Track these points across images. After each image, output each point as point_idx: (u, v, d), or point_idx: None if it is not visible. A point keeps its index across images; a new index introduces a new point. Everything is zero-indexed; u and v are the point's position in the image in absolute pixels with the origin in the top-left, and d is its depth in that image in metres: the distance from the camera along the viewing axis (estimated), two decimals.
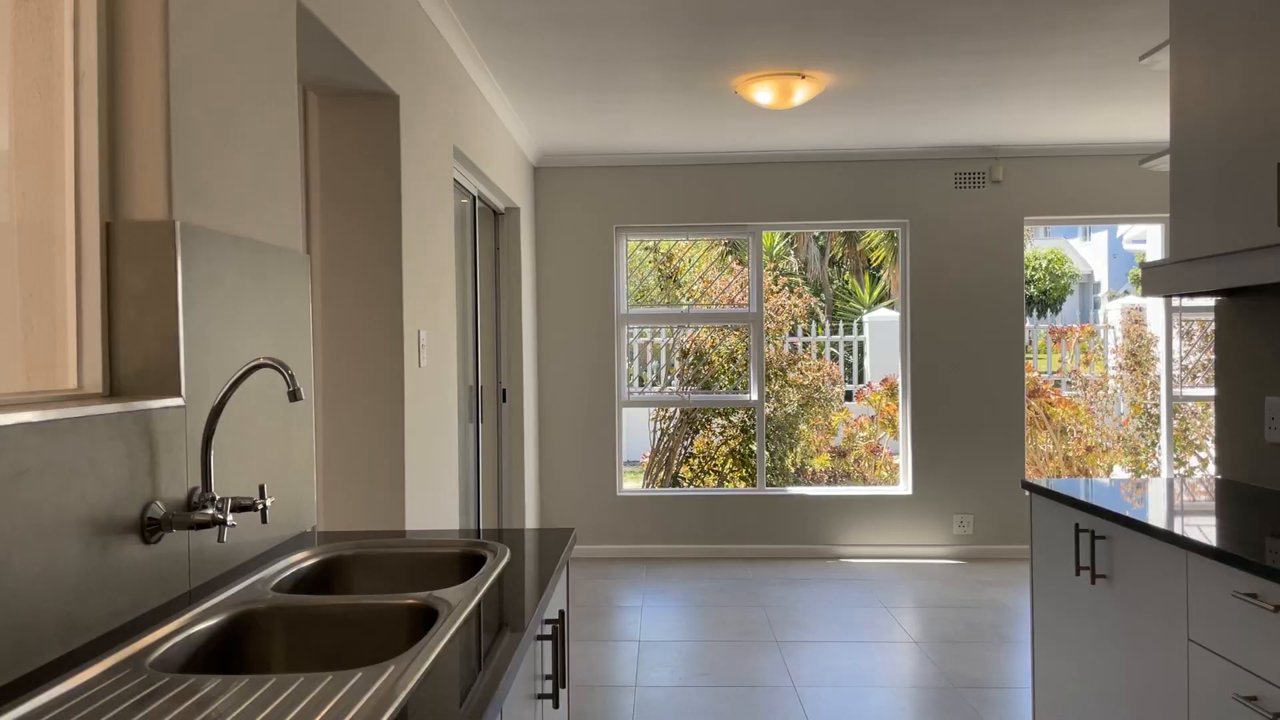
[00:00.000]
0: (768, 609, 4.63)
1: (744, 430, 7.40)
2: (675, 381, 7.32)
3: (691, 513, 5.81)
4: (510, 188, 4.85)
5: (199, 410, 1.55)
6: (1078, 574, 2.43)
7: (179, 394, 1.50)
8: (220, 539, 1.44)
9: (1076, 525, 2.42)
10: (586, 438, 5.83)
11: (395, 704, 1.04)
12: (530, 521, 5.43)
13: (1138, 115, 4.82)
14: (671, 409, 7.37)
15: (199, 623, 1.34)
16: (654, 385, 7.63)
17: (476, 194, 4.45)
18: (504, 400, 5.18)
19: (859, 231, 12.16)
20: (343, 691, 1.07)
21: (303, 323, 2.00)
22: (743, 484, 7.24)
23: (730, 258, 8.86)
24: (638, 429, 8.33)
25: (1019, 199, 5.67)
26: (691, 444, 7.52)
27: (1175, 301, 5.80)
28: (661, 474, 7.49)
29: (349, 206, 2.86)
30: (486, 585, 1.54)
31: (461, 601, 1.42)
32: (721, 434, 7.49)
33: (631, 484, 7.98)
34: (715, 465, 7.46)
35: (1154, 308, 7.63)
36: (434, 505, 3.23)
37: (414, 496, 2.96)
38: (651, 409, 7.55)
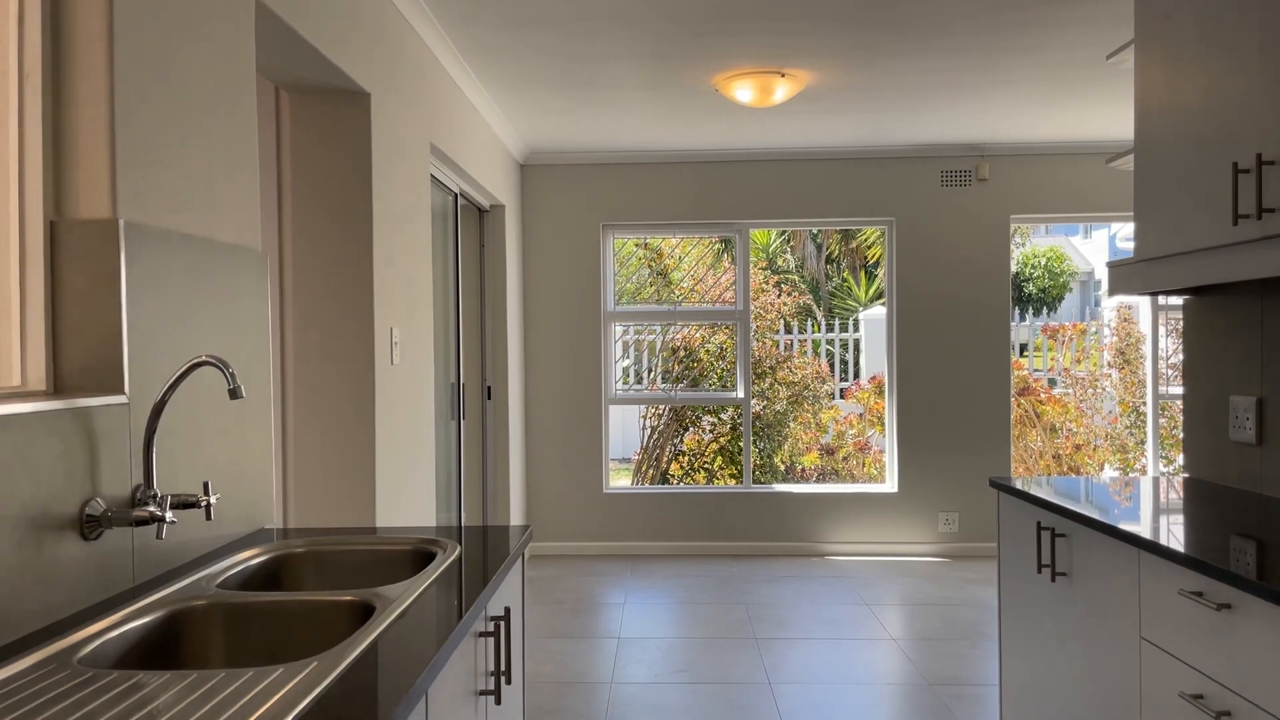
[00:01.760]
0: (749, 606, 4.64)
1: (734, 428, 7.41)
2: (669, 378, 7.33)
3: (677, 510, 5.82)
4: (494, 185, 4.86)
5: (144, 407, 1.56)
6: (1039, 571, 2.43)
7: (123, 391, 1.51)
8: (159, 536, 1.45)
9: (1038, 523, 2.43)
10: (573, 435, 5.84)
11: (310, 698, 1.05)
12: (516, 519, 5.44)
13: (1122, 113, 4.81)
14: (662, 406, 7.38)
15: (135, 619, 1.35)
16: (648, 378, 7.64)
17: (458, 191, 4.46)
18: (489, 398, 5.20)
19: (854, 229, 12.15)
20: (261, 685, 1.08)
21: (258, 321, 2.00)
22: (732, 481, 7.25)
23: (725, 255, 8.87)
24: (630, 426, 8.34)
25: (1005, 197, 5.67)
26: (681, 441, 7.53)
27: (1161, 300, 5.79)
28: (651, 471, 7.50)
29: (320, 204, 2.87)
30: (429, 582, 1.55)
31: (400, 598, 1.44)
32: (712, 431, 7.50)
33: (621, 481, 7.99)
34: (705, 463, 7.47)
35: (1143, 306, 7.62)
36: (409, 503, 3.24)
37: (386, 494, 2.97)
38: (643, 406, 7.56)
